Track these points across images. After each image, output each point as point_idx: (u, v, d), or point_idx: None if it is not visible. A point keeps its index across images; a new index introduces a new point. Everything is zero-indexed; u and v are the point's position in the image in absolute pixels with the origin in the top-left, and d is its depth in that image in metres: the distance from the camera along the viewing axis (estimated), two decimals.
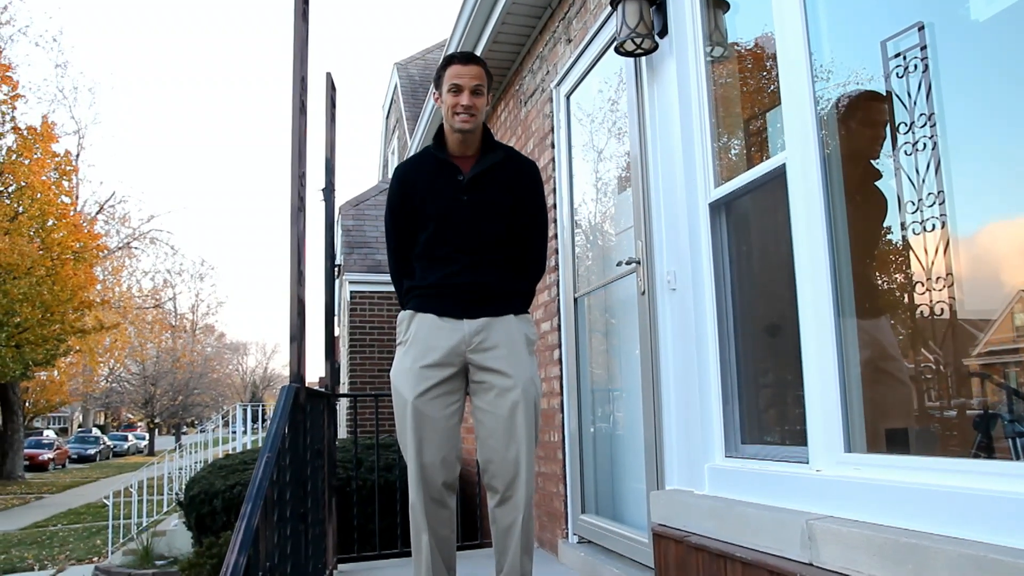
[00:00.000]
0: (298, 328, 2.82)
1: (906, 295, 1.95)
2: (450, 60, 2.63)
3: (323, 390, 3.79)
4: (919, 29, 1.83)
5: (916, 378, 1.93)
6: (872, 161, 2.05)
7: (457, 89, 2.56)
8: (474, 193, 2.60)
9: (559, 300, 4.03)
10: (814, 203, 2.03)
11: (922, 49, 1.82)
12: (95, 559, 10.66)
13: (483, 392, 2.57)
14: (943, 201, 1.74)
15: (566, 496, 3.83)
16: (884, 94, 1.97)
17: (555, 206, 4.10)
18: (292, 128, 2.91)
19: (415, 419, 2.50)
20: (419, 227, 2.63)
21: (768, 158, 2.31)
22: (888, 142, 1.92)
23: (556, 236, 4.05)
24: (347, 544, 4.37)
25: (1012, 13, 1.61)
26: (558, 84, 4.10)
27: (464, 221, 2.57)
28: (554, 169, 4.13)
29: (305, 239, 2.93)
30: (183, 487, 7.93)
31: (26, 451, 26.21)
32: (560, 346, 3.97)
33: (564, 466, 3.88)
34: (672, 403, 2.68)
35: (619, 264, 3.14)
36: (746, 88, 2.65)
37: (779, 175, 2.20)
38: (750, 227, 2.59)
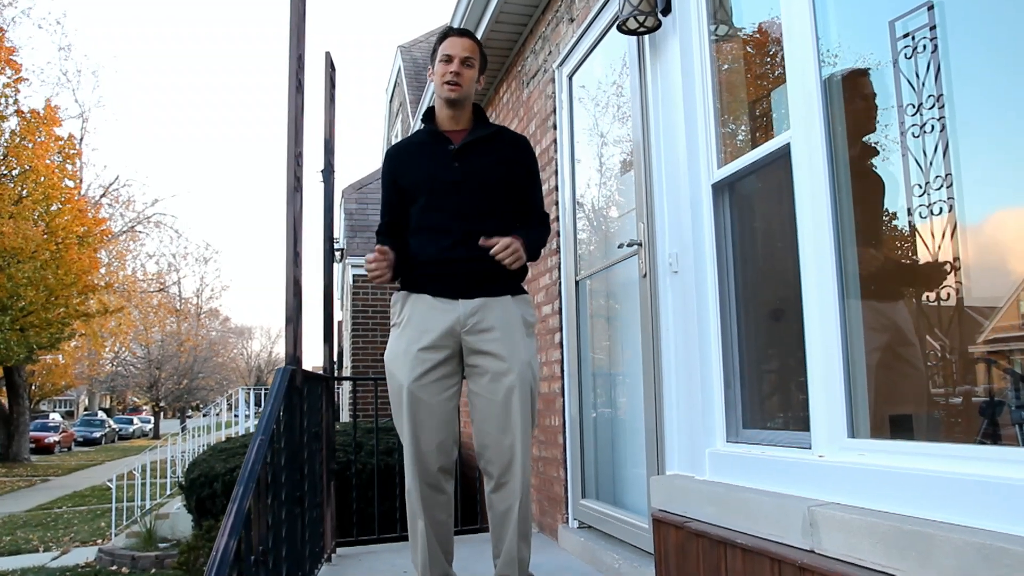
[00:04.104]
0: (294, 310, 2.78)
1: (913, 279, 1.91)
2: (445, 34, 2.66)
3: (322, 373, 3.76)
4: (928, 8, 1.78)
5: (922, 363, 1.89)
6: (873, 136, 2.00)
7: (448, 59, 2.59)
8: (465, 161, 2.58)
9: (560, 283, 3.99)
10: (819, 183, 1.98)
11: (931, 29, 1.76)
12: (99, 541, 10.73)
13: (478, 376, 2.53)
14: (951, 184, 1.69)
15: (566, 481, 3.80)
16: (877, 66, 1.92)
17: (557, 188, 4.05)
18: (288, 107, 2.86)
19: (411, 404, 2.48)
20: (412, 198, 2.60)
21: (772, 138, 2.26)
22: (896, 124, 1.86)
23: (558, 218, 4.00)
24: (346, 528, 4.35)
25: None
26: (560, 64, 4.04)
27: (456, 188, 2.54)
28: (556, 151, 4.08)
29: (302, 220, 2.89)
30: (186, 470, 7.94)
31: (32, 434, 26.39)
32: (561, 330, 3.94)
33: (564, 451, 3.85)
34: (673, 387, 2.64)
35: (620, 246, 3.10)
36: (751, 67, 2.59)
37: (783, 155, 2.15)
38: (754, 208, 2.54)
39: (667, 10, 2.72)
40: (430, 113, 2.70)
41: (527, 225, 2.66)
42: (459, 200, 2.53)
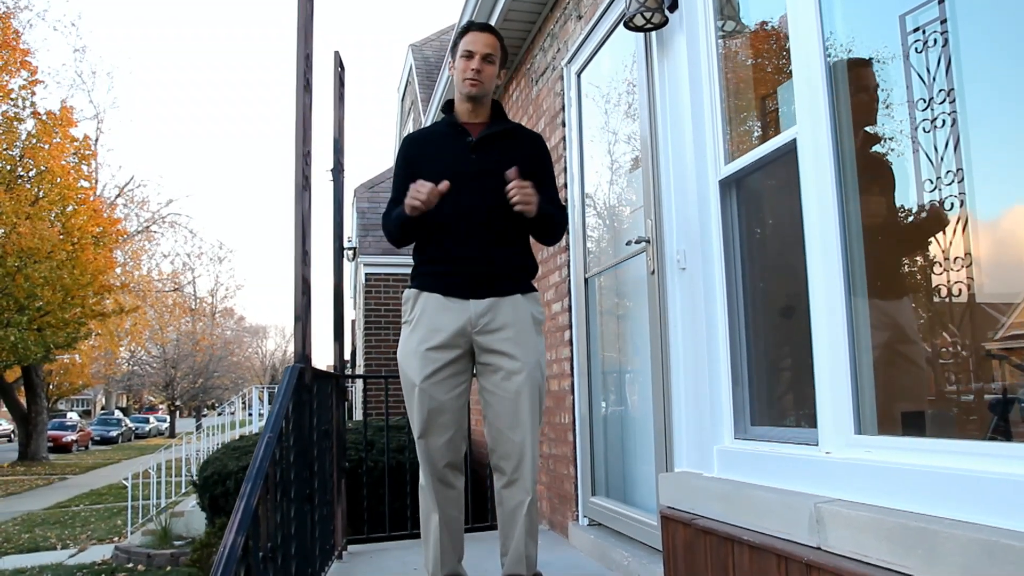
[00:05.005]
0: (303, 308, 2.80)
1: (921, 275, 1.89)
2: (467, 28, 2.66)
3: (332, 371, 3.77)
4: (939, 2, 1.76)
5: (930, 360, 1.88)
6: (881, 131, 1.99)
7: (469, 55, 2.59)
8: (483, 154, 2.58)
9: (570, 281, 3.99)
10: (825, 178, 1.97)
11: (942, 23, 1.75)
12: (115, 539, 10.82)
13: (490, 374, 2.55)
14: (962, 179, 1.68)
15: (576, 478, 3.80)
16: (885, 60, 1.91)
17: (566, 185, 4.04)
18: (296, 106, 2.87)
19: (422, 401, 2.50)
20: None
21: (780, 133, 2.25)
22: (906, 119, 1.85)
23: (567, 216, 4.00)
24: (358, 525, 4.37)
25: None
26: (569, 62, 4.03)
27: (472, 181, 2.54)
28: (565, 148, 4.08)
29: (310, 219, 2.90)
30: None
31: (50, 433, 26.64)
32: (571, 327, 3.94)
33: (575, 448, 3.85)
34: (681, 384, 2.63)
35: (629, 243, 3.09)
36: (758, 62, 2.58)
37: (790, 150, 2.14)
38: (761, 204, 2.53)
39: (674, 6, 2.71)
40: (450, 105, 2.71)
41: None
42: (474, 193, 2.53)
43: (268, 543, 2.13)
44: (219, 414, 17.65)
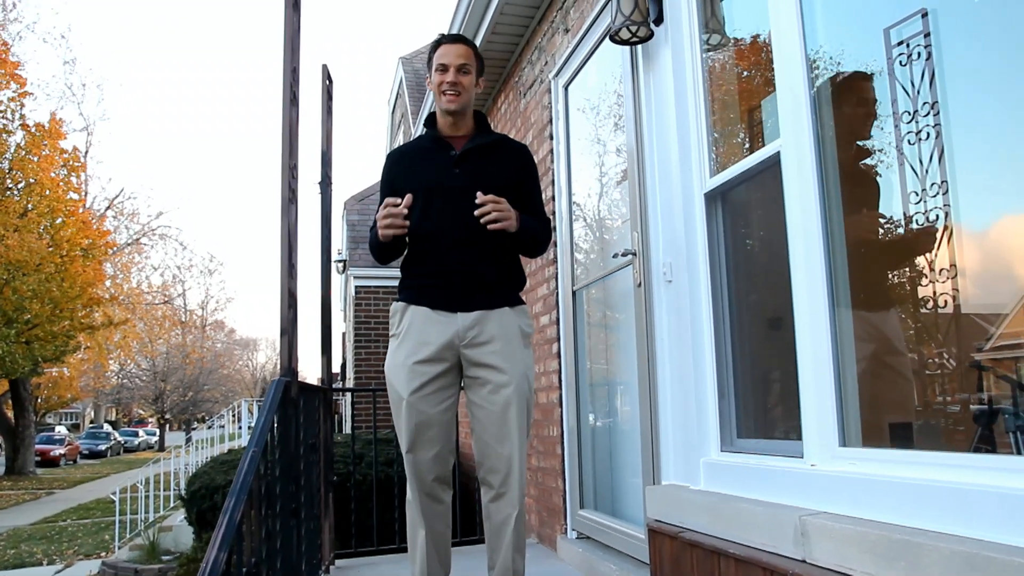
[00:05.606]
0: (289, 321, 2.78)
1: (906, 286, 1.90)
2: (439, 41, 2.64)
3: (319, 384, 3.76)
4: (922, 16, 1.78)
5: (915, 371, 1.88)
6: (865, 144, 2.00)
7: (444, 68, 2.57)
8: (466, 167, 2.57)
9: (558, 293, 3.99)
10: (808, 191, 1.98)
11: (925, 36, 1.76)
12: (103, 554, 10.72)
13: (477, 387, 2.53)
14: (947, 191, 1.69)
15: (565, 491, 3.79)
16: (869, 73, 1.92)
17: (554, 198, 4.05)
18: (283, 119, 2.87)
19: (409, 415, 2.48)
20: (412, 203, 2.58)
21: (764, 146, 2.26)
22: (891, 131, 1.86)
23: (555, 228, 4.00)
24: (345, 539, 4.34)
25: None
26: (556, 75, 4.05)
27: (456, 194, 2.53)
28: (553, 160, 4.09)
29: (296, 232, 2.90)
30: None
31: (37, 447, 26.39)
32: (559, 340, 3.93)
33: (563, 461, 3.84)
34: (668, 397, 2.63)
35: (616, 256, 3.10)
36: (743, 75, 2.59)
37: (774, 163, 2.15)
38: (746, 217, 2.54)
39: (659, 20, 2.73)
40: (432, 118, 2.70)
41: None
42: (459, 207, 2.52)
43: (252, 558, 2.11)
44: (209, 427, 17.55)
